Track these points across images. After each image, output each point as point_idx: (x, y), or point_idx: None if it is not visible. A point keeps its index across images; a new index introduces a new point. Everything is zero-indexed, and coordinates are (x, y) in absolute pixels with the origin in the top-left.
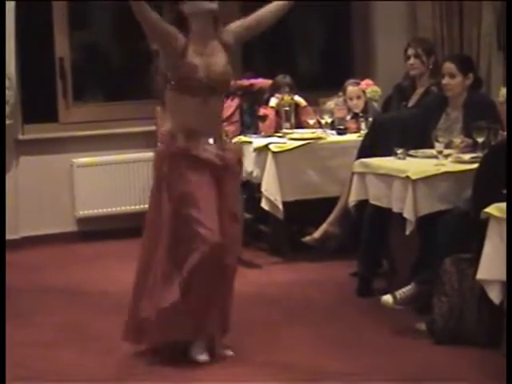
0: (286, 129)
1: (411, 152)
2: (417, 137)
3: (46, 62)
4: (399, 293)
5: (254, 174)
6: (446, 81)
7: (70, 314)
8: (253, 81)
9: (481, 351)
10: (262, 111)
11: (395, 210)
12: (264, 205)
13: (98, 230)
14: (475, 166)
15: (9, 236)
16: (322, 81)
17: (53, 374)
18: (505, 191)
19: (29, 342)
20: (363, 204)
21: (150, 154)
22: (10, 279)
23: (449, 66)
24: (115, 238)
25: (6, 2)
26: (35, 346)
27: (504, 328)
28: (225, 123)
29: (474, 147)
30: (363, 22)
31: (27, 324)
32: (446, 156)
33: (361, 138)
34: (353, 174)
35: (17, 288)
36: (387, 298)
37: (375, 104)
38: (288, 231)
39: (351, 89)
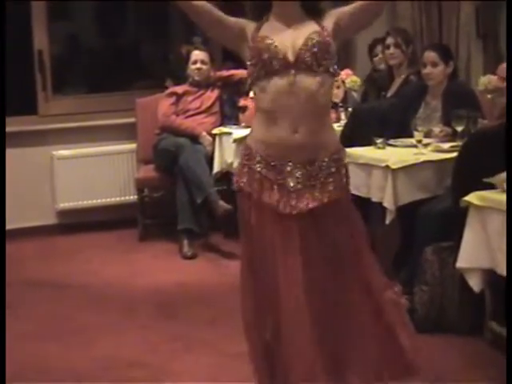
0: None
1: (391, 141)
2: (396, 126)
3: (24, 54)
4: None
5: (234, 164)
6: (428, 70)
7: (52, 307)
8: (232, 71)
9: (462, 339)
10: (242, 102)
11: (375, 199)
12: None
13: (79, 223)
14: (455, 154)
15: None
16: None
17: (37, 367)
18: (485, 179)
19: (12, 335)
20: None
21: (130, 146)
22: None
23: (431, 55)
24: (96, 231)
25: None
26: (18, 339)
27: (486, 316)
28: (204, 114)
29: (453, 136)
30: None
31: (10, 317)
32: (426, 145)
33: (340, 128)
34: None
35: None
36: None
37: (355, 94)
38: None
39: None
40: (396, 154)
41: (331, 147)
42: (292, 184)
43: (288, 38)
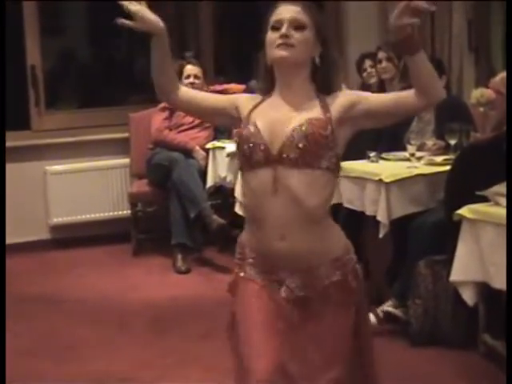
0: None
1: (384, 155)
2: (389, 140)
3: (17, 69)
4: (381, 310)
5: (228, 179)
6: None
7: (46, 322)
8: (226, 86)
9: (456, 352)
10: None
11: (368, 213)
12: (238, 209)
13: (72, 238)
14: (447, 167)
15: None
16: None
17: (30, 382)
18: (478, 192)
19: (5, 349)
20: (337, 207)
21: (123, 161)
22: None
23: None
24: (89, 245)
25: None
26: (12, 354)
27: (479, 329)
28: (197, 129)
29: (446, 149)
30: (335, 24)
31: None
32: (419, 158)
33: None
34: None
35: None
36: (372, 319)
37: None
38: None
39: None
40: (389, 168)
41: (331, 254)
42: (284, 294)
43: (279, 122)
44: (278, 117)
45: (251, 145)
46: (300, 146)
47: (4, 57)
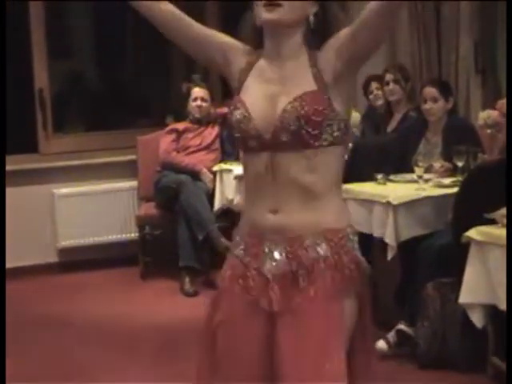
0: None
1: (391, 177)
2: (396, 162)
3: (25, 92)
4: (391, 335)
5: (235, 201)
6: (428, 105)
7: (54, 345)
8: None
9: (464, 374)
10: None
11: (376, 235)
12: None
13: (80, 261)
14: (455, 189)
15: None
16: None
17: None
18: (486, 215)
19: (13, 374)
20: None
21: (131, 184)
22: None
23: (431, 91)
24: (97, 269)
25: None
26: (19, 377)
27: (488, 351)
28: (204, 151)
29: (453, 171)
30: None
31: (11, 356)
32: (427, 180)
33: None
34: None
35: None
36: (381, 345)
37: (355, 130)
38: None
39: None
40: (397, 190)
41: (322, 224)
42: (268, 268)
43: (269, 101)
44: (267, 94)
45: (243, 131)
46: (293, 128)
47: (4, 57)
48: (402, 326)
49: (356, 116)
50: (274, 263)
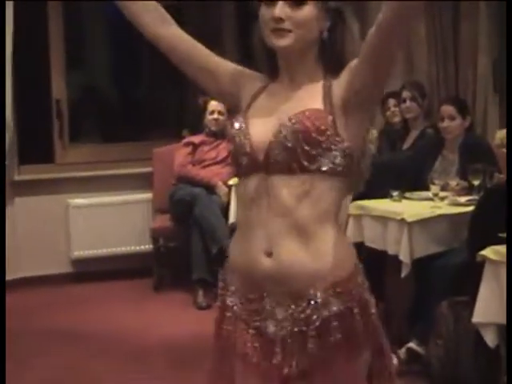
0: None
1: (407, 194)
2: (412, 179)
3: (42, 102)
4: (402, 352)
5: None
6: (446, 123)
7: (67, 356)
8: None
9: None
10: None
11: (390, 252)
12: None
13: (94, 271)
14: (471, 208)
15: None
16: None
17: None
18: (501, 234)
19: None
20: (358, 244)
21: (146, 196)
22: (7, 321)
23: (448, 109)
24: (111, 279)
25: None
26: None
27: (501, 371)
28: (220, 164)
29: (469, 190)
30: None
31: (24, 367)
32: (442, 198)
33: None
34: (349, 216)
35: (14, 330)
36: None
37: (372, 146)
38: None
39: None
40: (412, 207)
41: (330, 276)
42: (272, 329)
43: (269, 116)
44: (270, 110)
45: (237, 145)
46: (289, 145)
47: (4, 59)
48: (412, 345)
49: (373, 133)
50: (277, 324)
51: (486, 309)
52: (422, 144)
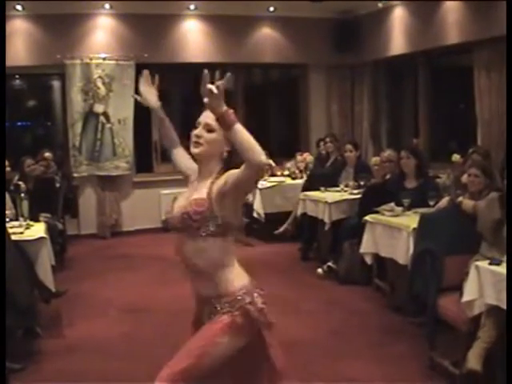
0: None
1: (329, 188)
2: (331, 181)
3: (146, 141)
4: (325, 267)
5: (250, 199)
6: (347, 154)
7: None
8: None
9: (358, 287)
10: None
11: (320, 217)
12: (255, 214)
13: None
14: (359, 195)
15: (126, 228)
16: (287, 149)
17: None
18: (375, 208)
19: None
20: (303, 214)
21: None
22: (133, 250)
23: (349, 147)
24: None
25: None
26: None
27: (372, 274)
28: None
29: (359, 186)
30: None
31: (140, 270)
32: (345, 191)
33: (301, 182)
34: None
35: (133, 255)
36: (320, 271)
37: (310, 165)
38: (267, 227)
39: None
40: (331, 195)
41: (223, 290)
42: (206, 312)
43: (181, 202)
44: (188, 193)
45: (168, 215)
46: (183, 219)
47: (4, 60)
48: (330, 263)
49: (310, 158)
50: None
51: (366, 244)
52: (336, 164)
